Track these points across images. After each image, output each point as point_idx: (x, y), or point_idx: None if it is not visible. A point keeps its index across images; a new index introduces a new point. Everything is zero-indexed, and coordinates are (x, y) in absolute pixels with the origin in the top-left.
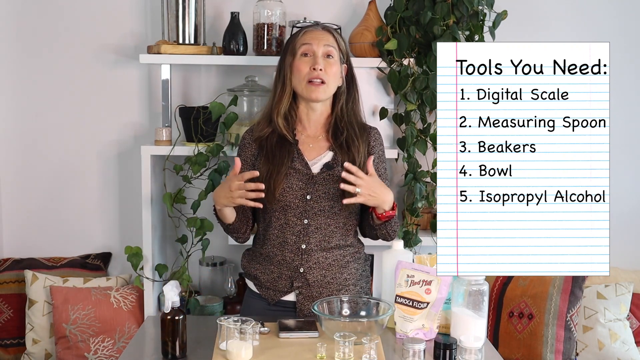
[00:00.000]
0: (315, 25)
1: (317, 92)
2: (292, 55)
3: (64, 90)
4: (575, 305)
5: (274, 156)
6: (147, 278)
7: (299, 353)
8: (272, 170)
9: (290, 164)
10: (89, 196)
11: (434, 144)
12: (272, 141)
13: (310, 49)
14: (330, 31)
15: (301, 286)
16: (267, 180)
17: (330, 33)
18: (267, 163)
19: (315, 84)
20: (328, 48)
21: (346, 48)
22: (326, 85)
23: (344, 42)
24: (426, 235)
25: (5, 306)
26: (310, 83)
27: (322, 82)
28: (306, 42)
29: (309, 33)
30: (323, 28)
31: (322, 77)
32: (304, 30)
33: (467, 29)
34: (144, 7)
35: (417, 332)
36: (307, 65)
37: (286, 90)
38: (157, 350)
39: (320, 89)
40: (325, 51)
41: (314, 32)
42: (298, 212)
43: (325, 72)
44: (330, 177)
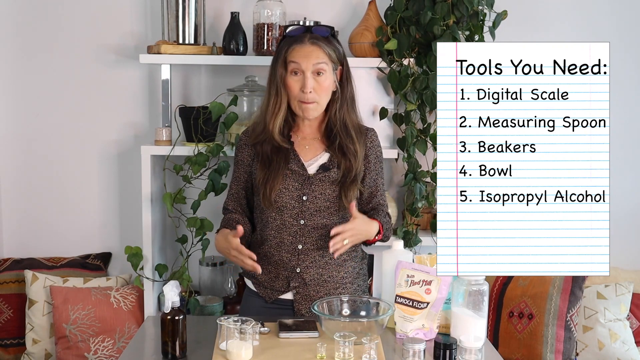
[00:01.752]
0: (303, 38)
1: (308, 112)
2: (284, 68)
3: (64, 90)
4: (575, 305)
5: (270, 162)
6: (147, 278)
7: (299, 353)
8: (269, 176)
9: (286, 166)
10: (89, 196)
11: (434, 144)
12: (268, 147)
13: (299, 67)
14: (319, 44)
15: (298, 286)
16: (264, 185)
17: (319, 46)
18: (263, 168)
19: (309, 101)
20: (317, 66)
21: (340, 51)
22: (318, 103)
23: (336, 48)
24: (426, 235)
25: (5, 306)
26: (302, 103)
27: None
28: (294, 60)
29: (297, 50)
30: (312, 41)
31: (312, 98)
32: (293, 46)
33: (467, 29)
34: (144, 7)
35: (417, 332)
36: (297, 85)
37: (282, 104)
38: (157, 350)
39: (311, 108)
40: (314, 69)
41: (302, 49)
42: (294, 213)
43: (316, 92)
44: (326, 178)
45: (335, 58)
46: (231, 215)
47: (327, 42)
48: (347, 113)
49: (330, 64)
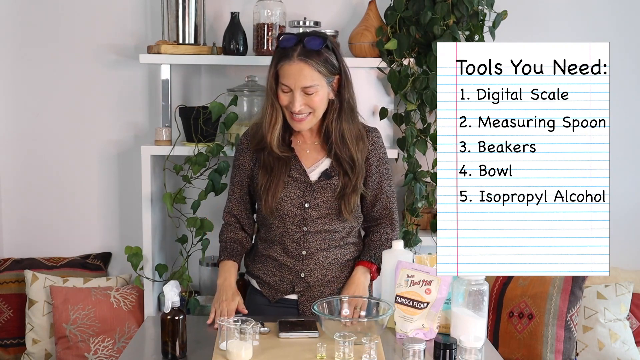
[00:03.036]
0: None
1: (301, 125)
2: (275, 81)
3: (64, 90)
4: (575, 305)
5: (272, 168)
6: (147, 278)
7: (299, 353)
8: (270, 183)
9: (287, 172)
10: (89, 196)
11: (434, 144)
12: (269, 155)
13: (288, 87)
14: (309, 62)
15: (302, 290)
16: (266, 192)
17: (309, 65)
18: (265, 174)
19: (298, 119)
20: (306, 88)
21: (335, 62)
22: (312, 115)
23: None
24: (426, 235)
25: (5, 306)
26: (294, 117)
27: (308, 113)
28: (282, 81)
29: (286, 68)
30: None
31: (302, 113)
32: (282, 62)
33: (467, 29)
34: (144, 7)
35: (417, 332)
36: (287, 99)
37: (277, 116)
38: (157, 350)
39: (304, 122)
40: (303, 90)
41: (290, 68)
42: (297, 220)
43: (308, 106)
44: (328, 186)
45: (328, 72)
46: (235, 235)
47: (318, 56)
48: (345, 122)
49: (323, 79)
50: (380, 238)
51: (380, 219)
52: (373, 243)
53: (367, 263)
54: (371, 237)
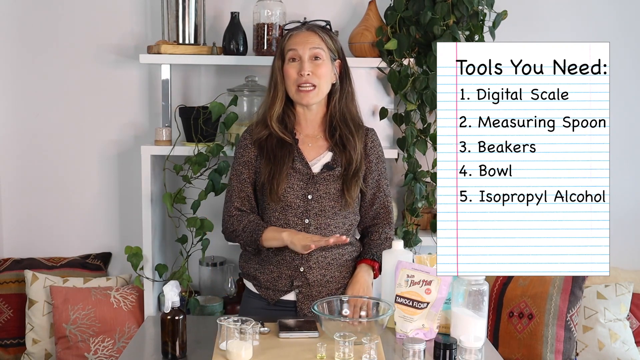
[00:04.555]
0: (300, 27)
1: (308, 97)
2: (281, 59)
3: (64, 90)
4: (575, 305)
5: (274, 156)
6: (147, 278)
7: (299, 353)
8: (274, 171)
9: (291, 163)
10: (89, 196)
11: (434, 144)
12: (271, 142)
13: (297, 53)
14: (316, 31)
15: (301, 285)
16: (270, 181)
17: (316, 33)
18: (268, 164)
19: (305, 90)
20: (314, 50)
21: (337, 44)
22: (317, 88)
23: (333, 39)
24: (426, 235)
25: (5, 306)
26: (300, 89)
27: (313, 86)
28: (292, 47)
29: (295, 37)
30: (308, 29)
31: (311, 81)
32: (290, 34)
33: (467, 29)
34: (144, 7)
35: (417, 332)
36: (295, 71)
37: (278, 94)
38: (157, 350)
39: (310, 94)
40: (311, 54)
41: (299, 36)
42: (299, 211)
43: (314, 75)
44: (330, 177)
45: (332, 46)
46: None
47: (323, 30)
48: (347, 105)
49: (328, 52)
50: (380, 237)
51: (378, 218)
52: (373, 242)
53: (370, 261)
54: (371, 237)
